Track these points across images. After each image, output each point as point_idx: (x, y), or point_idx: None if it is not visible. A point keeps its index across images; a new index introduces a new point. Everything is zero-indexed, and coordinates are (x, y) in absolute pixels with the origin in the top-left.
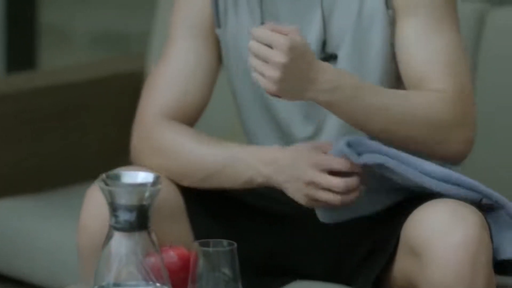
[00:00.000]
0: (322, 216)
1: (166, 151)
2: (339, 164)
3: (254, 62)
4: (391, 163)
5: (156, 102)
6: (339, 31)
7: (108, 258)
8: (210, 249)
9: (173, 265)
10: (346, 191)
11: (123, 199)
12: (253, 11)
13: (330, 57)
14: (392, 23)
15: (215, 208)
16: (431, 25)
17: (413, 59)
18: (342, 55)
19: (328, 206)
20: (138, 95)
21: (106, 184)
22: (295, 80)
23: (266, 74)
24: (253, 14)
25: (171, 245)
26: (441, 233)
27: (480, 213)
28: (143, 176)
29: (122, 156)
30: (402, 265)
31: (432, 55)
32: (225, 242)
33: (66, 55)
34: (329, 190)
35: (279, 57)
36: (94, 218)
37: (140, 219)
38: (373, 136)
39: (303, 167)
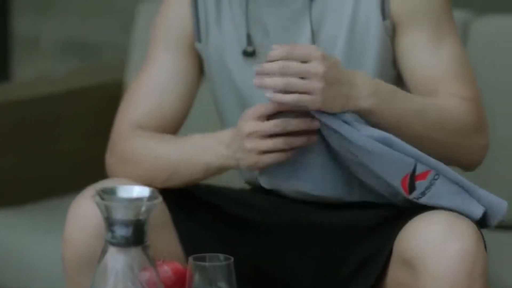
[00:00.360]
0: (266, 181)
1: (133, 157)
2: (268, 107)
3: (291, 81)
4: (332, 122)
5: (131, 115)
6: (329, 41)
7: (103, 273)
8: (207, 264)
9: (168, 279)
10: (284, 130)
11: (120, 214)
12: (237, 24)
13: None
14: (389, 34)
15: (203, 219)
16: (436, 34)
17: (423, 69)
18: None
19: (275, 159)
20: (116, 106)
21: (102, 199)
22: (337, 88)
23: (309, 88)
24: (237, 26)
25: (164, 259)
26: (437, 245)
27: (475, 226)
28: (138, 191)
29: (101, 168)
30: (395, 277)
31: (443, 63)
32: (221, 256)
33: (37, 65)
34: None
35: (318, 67)
36: (79, 231)
37: (137, 234)
38: (408, 142)
39: (239, 125)
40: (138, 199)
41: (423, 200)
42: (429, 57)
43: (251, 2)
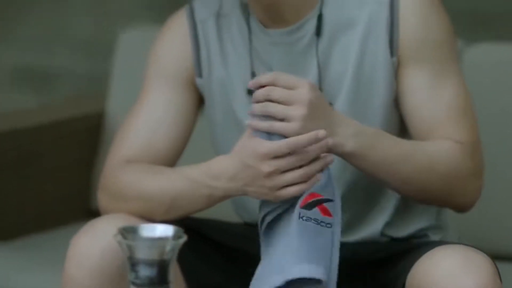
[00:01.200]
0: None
1: (128, 193)
2: (284, 146)
3: (275, 108)
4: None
5: (124, 150)
6: (336, 79)
7: None
8: None
9: None
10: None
11: (144, 254)
12: (241, 61)
13: None
14: (395, 70)
15: (206, 253)
16: (439, 72)
17: (423, 108)
18: (338, 105)
19: (297, 191)
20: (96, 137)
21: (124, 238)
22: (320, 119)
23: (292, 114)
24: (242, 63)
25: None
26: (453, 280)
27: (491, 260)
28: (162, 229)
29: (83, 201)
30: None
31: (443, 104)
32: None
33: None
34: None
35: (304, 94)
36: (80, 268)
37: (161, 274)
38: (394, 188)
39: (254, 164)
40: (163, 238)
41: (301, 224)
42: (430, 97)
43: (255, 39)
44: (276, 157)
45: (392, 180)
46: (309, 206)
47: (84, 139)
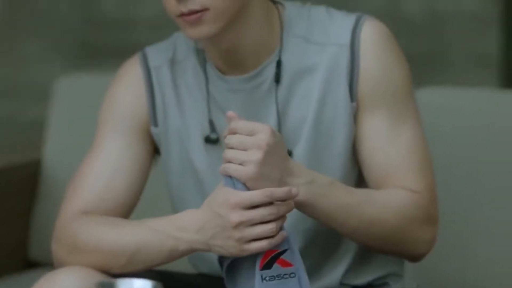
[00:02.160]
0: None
1: (85, 245)
2: (256, 197)
3: (231, 153)
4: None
5: (78, 200)
6: (296, 126)
7: None
8: None
9: None
10: (277, 217)
11: None
12: (198, 109)
13: None
14: (355, 115)
15: None
16: (397, 117)
17: (379, 154)
18: (298, 152)
19: (266, 246)
20: (34, 186)
21: None
22: (274, 167)
23: (247, 159)
24: (199, 111)
25: None
26: None
27: None
28: (140, 285)
29: (21, 252)
30: None
31: (399, 151)
32: None
33: None
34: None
35: (262, 140)
36: None
37: None
38: (344, 234)
39: (224, 213)
40: None
41: (267, 286)
42: (386, 143)
43: (212, 85)
44: (247, 208)
45: (342, 229)
46: (268, 265)
47: (21, 188)
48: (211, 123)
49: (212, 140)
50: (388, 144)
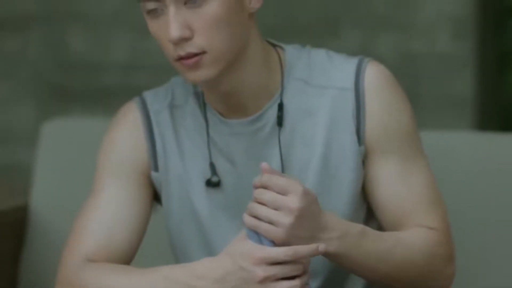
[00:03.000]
0: None
1: None
2: (282, 254)
3: (263, 210)
4: None
5: (80, 247)
6: (300, 169)
7: None
8: None
9: None
10: (303, 272)
11: None
12: (199, 152)
13: None
14: (362, 159)
15: None
16: (407, 159)
17: (395, 197)
18: None
19: None
20: (21, 231)
21: None
22: (306, 227)
23: (278, 220)
24: (200, 155)
25: None
26: None
27: None
28: None
29: None
30: None
31: (414, 192)
32: None
33: None
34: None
35: (294, 202)
36: None
37: None
38: (375, 281)
39: (249, 267)
40: None
41: None
42: (400, 187)
43: (213, 129)
44: (272, 263)
45: (373, 275)
46: None
47: (9, 234)
48: (212, 166)
49: (213, 184)
50: (403, 187)
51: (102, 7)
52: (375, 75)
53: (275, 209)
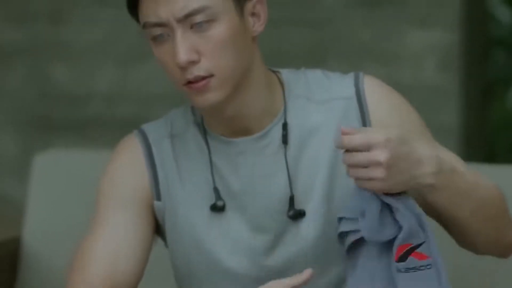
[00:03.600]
0: None
1: None
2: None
3: (355, 172)
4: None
5: (85, 279)
6: (308, 186)
7: None
8: None
9: None
10: None
11: None
12: (202, 177)
13: (299, 214)
14: None
15: None
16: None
17: None
18: (311, 210)
19: None
20: (14, 264)
21: None
22: (401, 171)
23: (371, 176)
24: (202, 180)
25: None
26: None
27: None
28: None
29: None
30: None
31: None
32: None
33: None
34: None
35: (379, 155)
36: None
37: None
38: (462, 220)
39: None
40: None
41: (402, 277)
42: None
43: (214, 155)
44: None
45: (461, 213)
46: (403, 258)
47: (1, 266)
48: (216, 191)
49: (218, 208)
50: None
51: (85, 38)
52: (373, 84)
53: (366, 167)
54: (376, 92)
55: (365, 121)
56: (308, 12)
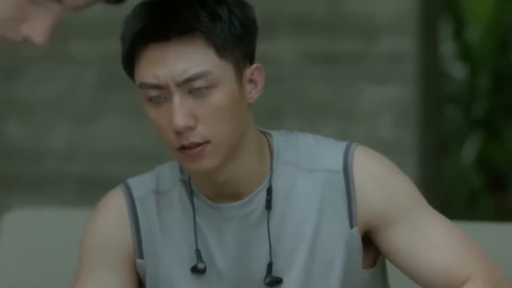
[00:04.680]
0: None
1: None
2: None
3: None
4: None
5: None
6: (289, 253)
7: None
8: None
9: None
10: None
11: None
12: (185, 238)
13: (276, 282)
14: (356, 239)
15: None
16: (417, 222)
17: (422, 262)
18: (291, 279)
19: None
20: None
21: None
22: None
23: None
24: (185, 240)
25: None
26: None
27: None
28: None
29: None
30: None
31: (445, 248)
32: None
33: None
34: None
35: None
36: None
37: None
38: None
39: None
40: None
41: None
42: (423, 250)
43: (199, 217)
44: None
45: None
46: None
47: None
48: (198, 253)
49: (199, 271)
50: (426, 249)
51: (40, 94)
52: (363, 155)
53: None
54: (365, 168)
55: (350, 195)
56: (265, 68)
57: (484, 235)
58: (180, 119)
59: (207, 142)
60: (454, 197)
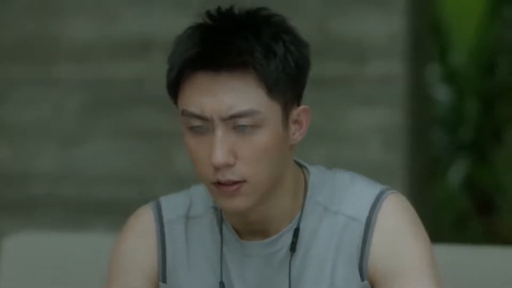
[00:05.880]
0: None
1: None
2: None
3: None
4: None
5: None
6: None
7: None
8: None
9: None
10: None
11: None
12: (210, 267)
13: None
14: None
15: None
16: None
17: None
18: None
19: None
20: None
21: None
22: None
23: None
24: (210, 269)
25: None
26: None
27: None
28: None
29: None
30: None
31: None
32: None
33: None
34: None
35: None
36: None
37: None
38: None
39: None
40: None
41: None
42: None
43: (226, 247)
44: None
45: None
46: None
47: None
48: (222, 286)
49: None
50: None
51: (28, 116)
52: (390, 210)
53: None
54: (389, 221)
55: (365, 244)
56: None
57: (472, 259)
58: (221, 156)
59: (244, 181)
60: (442, 220)
